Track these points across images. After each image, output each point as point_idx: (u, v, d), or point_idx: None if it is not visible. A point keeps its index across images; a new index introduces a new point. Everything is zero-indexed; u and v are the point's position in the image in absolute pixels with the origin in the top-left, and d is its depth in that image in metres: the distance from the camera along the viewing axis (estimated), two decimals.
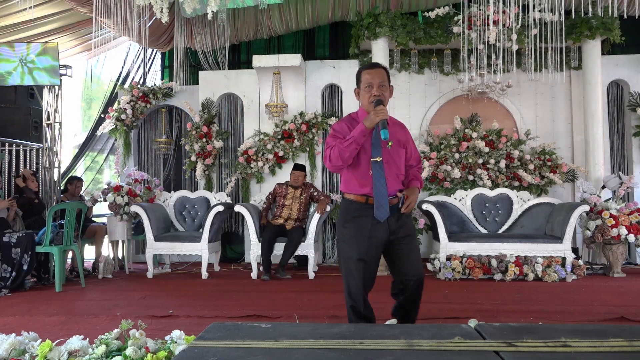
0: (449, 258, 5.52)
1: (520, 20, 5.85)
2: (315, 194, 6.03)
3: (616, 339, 1.33)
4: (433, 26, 6.45)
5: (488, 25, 5.82)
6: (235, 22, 7.31)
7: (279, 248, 5.74)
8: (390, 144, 2.55)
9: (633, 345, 1.29)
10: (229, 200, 6.56)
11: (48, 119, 6.85)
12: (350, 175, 2.66)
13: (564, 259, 5.39)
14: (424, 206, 5.73)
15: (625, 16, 5.69)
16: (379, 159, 2.55)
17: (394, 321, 2.61)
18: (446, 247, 5.60)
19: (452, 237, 5.66)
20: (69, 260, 6.17)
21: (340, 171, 2.67)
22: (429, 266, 5.64)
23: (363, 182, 2.60)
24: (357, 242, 2.57)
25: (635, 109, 6.64)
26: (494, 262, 5.39)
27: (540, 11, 5.84)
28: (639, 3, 5.88)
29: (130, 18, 5.81)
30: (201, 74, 7.29)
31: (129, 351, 2.34)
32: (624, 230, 5.51)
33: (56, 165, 6.90)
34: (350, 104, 7.01)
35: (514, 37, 5.82)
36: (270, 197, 6.14)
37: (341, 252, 2.66)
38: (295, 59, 6.64)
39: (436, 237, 5.85)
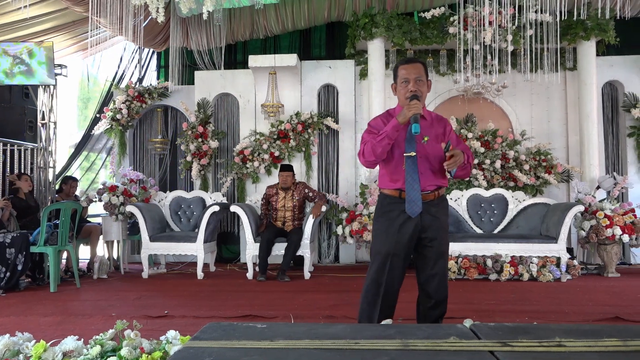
0: None
1: (515, 21, 5.87)
2: (310, 194, 5.98)
3: (610, 339, 1.34)
4: (429, 26, 6.46)
5: (484, 25, 5.84)
6: (231, 22, 7.30)
7: (277, 249, 5.72)
8: (426, 138, 2.53)
9: (627, 345, 1.30)
10: (224, 201, 6.55)
11: (43, 118, 6.82)
12: (384, 170, 2.67)
13: (558, 259, 5.41)
14: None
15: (618, 16, 5.71)
16: (412, 154, 2.53)
17: (389, 321, 2.62)
18: None
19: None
20: (63, 261, 6.14)
21: (374, 166, 2.68)
22: None
23: (395, 177, 2.60)
24: (386, 237, 2.56)
25: (629, 109, 6.67)
26: (489, 262, 5.41)
27: (536, 12, 5.87)
28: (632, 4, 5.91)
29: (125, 18, 5.79)
30: (197, 73, 7.28)
31: (123, 352, 2.33)
32: (618, 231, 5.53)
33: (51, 165, 6.87)
34: (346, 104, 7.01)
35: (510, 37, 5.84)
36: (263, 201, 6.09)
37: (372, 246, 2.67)
38: (291, 59, 6.64)
39: None
